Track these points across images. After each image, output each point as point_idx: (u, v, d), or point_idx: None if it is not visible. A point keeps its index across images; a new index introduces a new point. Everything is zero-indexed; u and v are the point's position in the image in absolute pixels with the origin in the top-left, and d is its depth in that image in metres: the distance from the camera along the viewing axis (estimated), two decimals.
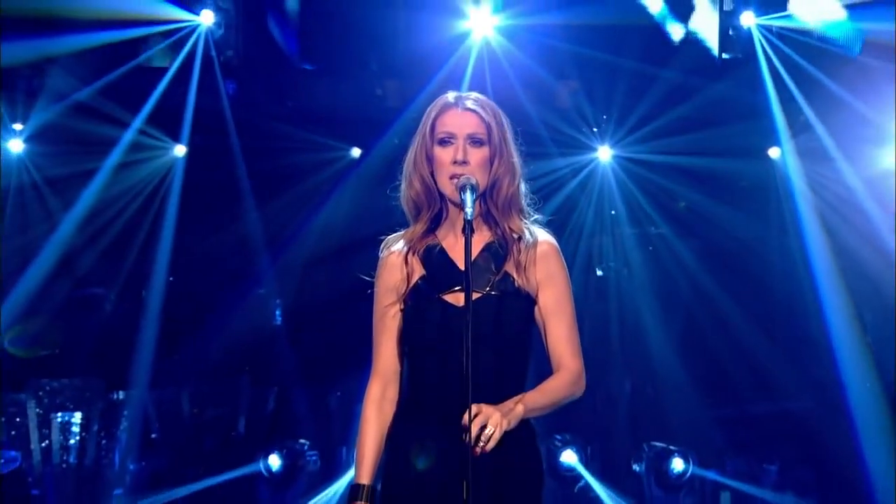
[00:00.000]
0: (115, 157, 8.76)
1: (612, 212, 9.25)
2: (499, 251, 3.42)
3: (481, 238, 3.44)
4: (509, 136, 3.46)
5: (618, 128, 9.04)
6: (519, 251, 3.42)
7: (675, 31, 8.75)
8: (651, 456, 8.88)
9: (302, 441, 8.92)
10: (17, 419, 8.61)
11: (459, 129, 3.41)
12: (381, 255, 3.55)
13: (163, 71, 8.52)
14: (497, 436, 3.11)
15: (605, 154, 9.06)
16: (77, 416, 8.66)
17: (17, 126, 8.70)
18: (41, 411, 8.66)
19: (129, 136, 8.63)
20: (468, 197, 3.26)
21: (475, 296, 3.29)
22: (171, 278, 8.94)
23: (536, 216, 3.51)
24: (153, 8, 8.34)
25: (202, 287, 9.21)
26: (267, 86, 8.96)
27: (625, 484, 8.88)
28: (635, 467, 9.01)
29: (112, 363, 8.87)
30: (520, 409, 3.23)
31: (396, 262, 3.49)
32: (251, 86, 8.97)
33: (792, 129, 8.82)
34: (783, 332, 9.29)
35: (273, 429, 9.17)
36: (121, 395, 8.83)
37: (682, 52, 8.73)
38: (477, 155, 3.40)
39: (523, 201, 3.51)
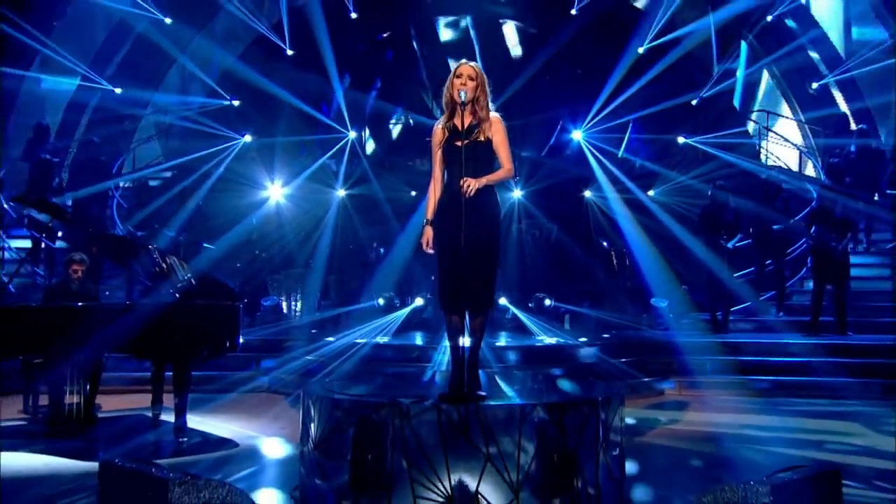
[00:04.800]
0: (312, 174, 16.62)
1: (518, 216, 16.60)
2: (478, 125, 5.72)
3: (469, 119, 5.70)
4: (486, 85, 5.73)
5: (525, 183, 16.69)
6: (487, 125, 5.73)
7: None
8: (535, 299, 14.59)
9: (392, 293, 14.68)
10: (276, 289, 15.86)
11: (465, 72, 5.70)
12: (434, 127, 5.85)
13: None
14: (473, 189, 5.52)
15: (517, 193, 16.79)
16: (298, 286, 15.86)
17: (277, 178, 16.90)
18: (282, 284, 15.87)
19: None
20: (464, 95, 5.61)
21: (466, 143, 5.59)
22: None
23: (497, 113, 5.69)
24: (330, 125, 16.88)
25: (353, 227, 16.59)
26: (380, 158, 17.34)
27: (525, 309, 14.16)
28: (530, 304, 14.66)
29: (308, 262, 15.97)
30: (485, 179, 5.62)
31: (439, 129, 5.81)
32: (375, 158, 17.38)
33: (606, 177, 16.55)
34: (593, 249, 16.26)
35: (378, 290, 15.47)
36: (313, 275, 15.67)
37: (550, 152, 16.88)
38: (470, 84, 5.68)
39: (491, 110, 5.78)
